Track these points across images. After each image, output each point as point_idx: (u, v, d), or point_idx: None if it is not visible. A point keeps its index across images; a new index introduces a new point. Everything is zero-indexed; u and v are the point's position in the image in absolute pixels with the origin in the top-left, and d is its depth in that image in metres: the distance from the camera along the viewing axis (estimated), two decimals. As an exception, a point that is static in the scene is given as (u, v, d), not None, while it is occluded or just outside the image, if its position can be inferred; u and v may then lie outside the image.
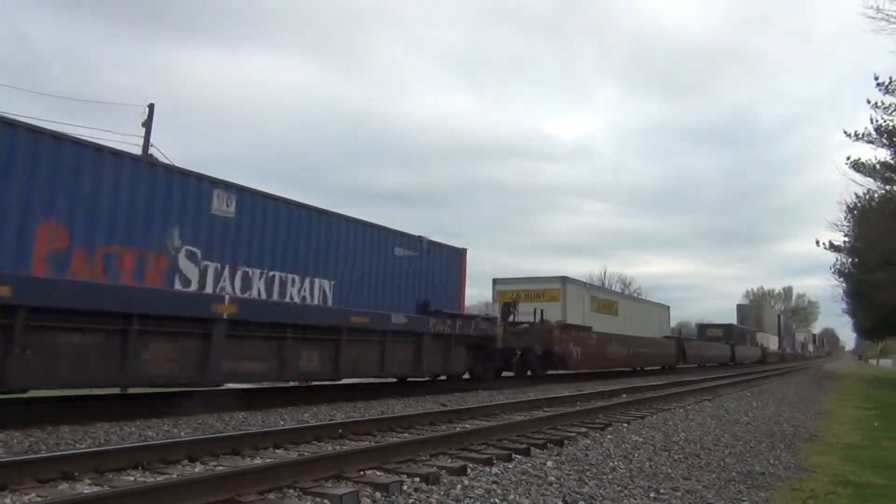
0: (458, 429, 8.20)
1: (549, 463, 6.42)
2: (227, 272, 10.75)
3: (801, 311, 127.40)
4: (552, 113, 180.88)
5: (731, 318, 69.93)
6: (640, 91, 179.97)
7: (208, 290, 10.33)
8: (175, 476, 5.14)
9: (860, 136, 26.47)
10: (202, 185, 10.44)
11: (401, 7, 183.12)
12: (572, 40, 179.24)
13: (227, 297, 10.39)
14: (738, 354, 47.63)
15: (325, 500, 4.58)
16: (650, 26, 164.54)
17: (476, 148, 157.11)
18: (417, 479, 5.28)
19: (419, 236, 15.40)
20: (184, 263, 10.07)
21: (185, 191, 10.16)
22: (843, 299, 50.60)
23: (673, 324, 44.92)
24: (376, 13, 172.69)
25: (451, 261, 16.49)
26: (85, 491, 4.66)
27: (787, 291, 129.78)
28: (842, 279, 42.19)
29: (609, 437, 8.39)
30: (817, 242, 33.67)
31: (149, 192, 9.59)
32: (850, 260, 37.29)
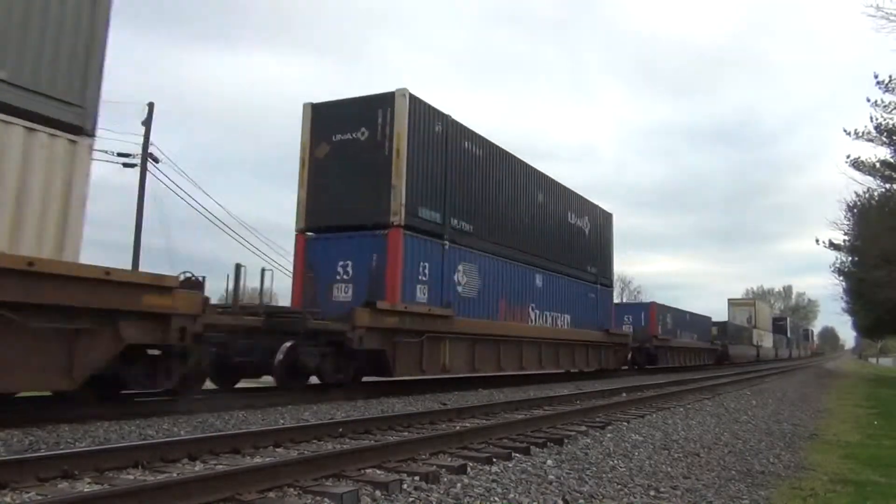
0: (457, 427, 8.20)
1: (549, 462, 6.42)
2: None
3: (801, 310, 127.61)
4: (557, 113, 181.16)
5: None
6: (644, 92, 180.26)
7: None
8: (175, 475, 5.14)
9: (860, 134, 26.55)
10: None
11: (407, 8, 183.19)
12: (578, 42, 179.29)
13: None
14: None
15: (326, 499, 4.58)
16: (655, 28, 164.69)
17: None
18: (417, 478, 5.27)
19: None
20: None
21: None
22: (842, 298, 50.76)
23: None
24: (383, 14, 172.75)
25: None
26: (85, 490, 4.65)
27: (787, 290, 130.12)
28: (842, 278, 42.32)
29: (609, 435, 8.39)
30: (817, 241, 33.86)
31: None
32: (850, 258, 37.40)
